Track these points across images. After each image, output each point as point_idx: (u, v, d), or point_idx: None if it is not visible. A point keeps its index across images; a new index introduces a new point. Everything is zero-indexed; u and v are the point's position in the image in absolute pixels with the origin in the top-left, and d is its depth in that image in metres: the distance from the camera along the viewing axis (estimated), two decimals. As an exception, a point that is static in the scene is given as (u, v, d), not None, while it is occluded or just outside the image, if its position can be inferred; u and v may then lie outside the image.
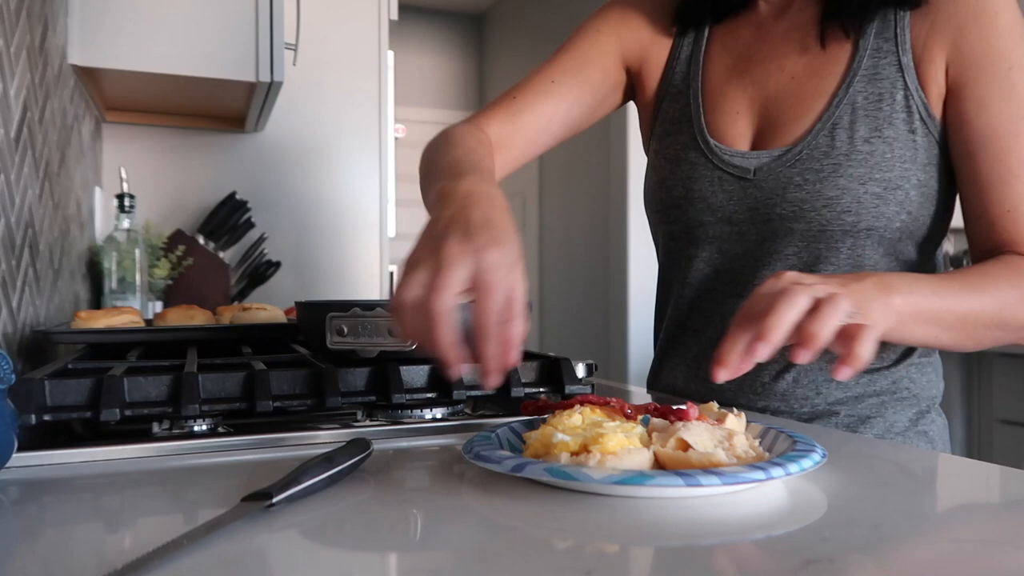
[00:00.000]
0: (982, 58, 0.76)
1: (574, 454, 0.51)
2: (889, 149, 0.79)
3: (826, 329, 0.57)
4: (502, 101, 0.94)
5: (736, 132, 0.88)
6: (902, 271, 0.83)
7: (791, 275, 0.62)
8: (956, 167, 0.80)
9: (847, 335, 0.59)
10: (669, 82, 0.95)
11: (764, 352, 0.57)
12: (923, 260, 0.86)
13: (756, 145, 0.86)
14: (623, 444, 0.51)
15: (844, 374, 0.58)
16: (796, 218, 0.82)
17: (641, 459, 0.51)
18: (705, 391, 0.91)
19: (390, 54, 2.37)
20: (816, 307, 0.58)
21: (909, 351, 0.86)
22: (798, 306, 0.58)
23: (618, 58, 0.96)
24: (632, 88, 1.00)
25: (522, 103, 0.93)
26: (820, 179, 0.80)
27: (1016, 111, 0.76)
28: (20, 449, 0.54)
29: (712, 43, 0.93)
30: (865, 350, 0.58)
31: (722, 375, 0.59)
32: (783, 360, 0.85)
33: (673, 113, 0.93)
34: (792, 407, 0.86)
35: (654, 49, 0.96)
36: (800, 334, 0.57)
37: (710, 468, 0.48)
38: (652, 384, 1.02)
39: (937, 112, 0.79)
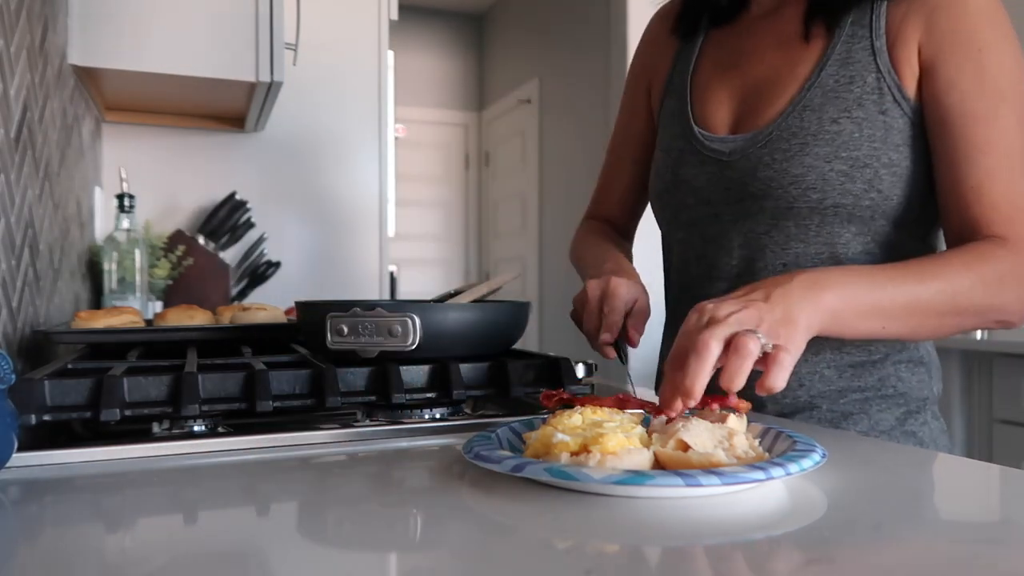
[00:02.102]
0: (952, 39, 0.78)
1: (574, 454, 0.51)
2: (857, 129, 0.80)
3: (738, 380, 0.58)
4: (596, 187, 1.13)
5: (719, 119, 0.92)
6: (883, 253, 0.84)
7: (709, 308, 0.62)
8: (930, 147, 0.81)
9: (764, 361, 0.59)
10: (670, 82, 1.00)
11: (692, 404, 0.58)
12: (912, 245, 0.85)
13: (735, 130, 0.90)
14: (623, 444, 0.51)
15: (763, 391, 0.59)
16: (765, 196, 0.84)
17: (641, 459, 0.51)
18: None
19: (390, 54, 2.37)
20: (727, 352, 0.58)
21: (898, 348, 0.86)
22: (709, 359, 0.58)
23: (647, 92, 1.06)
24: None
25: (607, 186, 1.11)
26: (788, 158, 0.82)
27: (985, 90, 0.77)
28: (20, 449, 0.55)
29: (707, 44, 0.98)
30: (776, 381, 0.58)
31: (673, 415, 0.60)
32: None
33: (670, 108, 0.99)
34: (775, 398, 0.87)
35: (661, 61, 1.03)
36: (722, 381, 0.58)
37: (710, 468, 0.48)
38: (659, 380, 1.03)
39: (912, 93, 0.81)
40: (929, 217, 0.85)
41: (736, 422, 0.57)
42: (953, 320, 0.74)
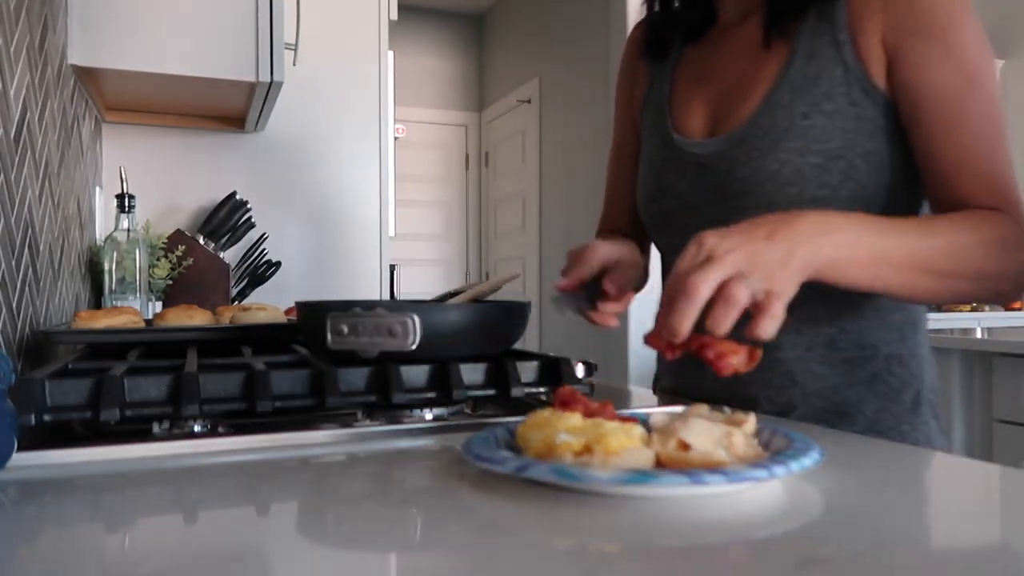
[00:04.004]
0: (913, 23, 0.78)
1: (576, 454, 0.51)
2: (829, 122, 0.81)
3: (723, 327, 0.59)
4: (603, 208, 1.13)
5: (695, 125, 0.93)
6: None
7: (709, 243, 0.63)
8: (907, 132, 0.81)
9: (755, 308, 0.61)
10: (648, 96, 1.03)
11: (677, 342, 0.61)
12: None
13: (711, 133, 0.92)
14: (624, 444, 0.51)
15: (751, 337, 0.60)
16: (745, 194, 0.85)
17: (643, 458, 0.51)
18: (691, 387, 0.93)
19: (390, 54, 2.37)
20: (715, 299, 0.60)
21: (889, 341, 0.86)
22: (697, 302, 0.60)
23: (632, 106, 1.07)
24: None
25: (610, 204, 1.12)
26: (762, 155, 0.83)
27: (952, 69, 0.77)
28: (20, 449, 0.55)
29: (681, 59, 1.00)
30: (766, 330, 0.60)
31: (654, 346, 0.63)
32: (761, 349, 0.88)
33: (650, 121, 1.01)
34: (769, 395, 0.87)
35: (641, 78, 1.05)
36: (707, 325, 0.60)
37: (713, 467, 0.48)
38: (655, 384, 1.04)
39: (881, 83, 0.81)
40: (911, 204, 0.86)
41: (752, 424, 0.57)
42: (950, 282, 0.73)
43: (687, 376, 0.96)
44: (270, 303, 1.24)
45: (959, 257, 0.72)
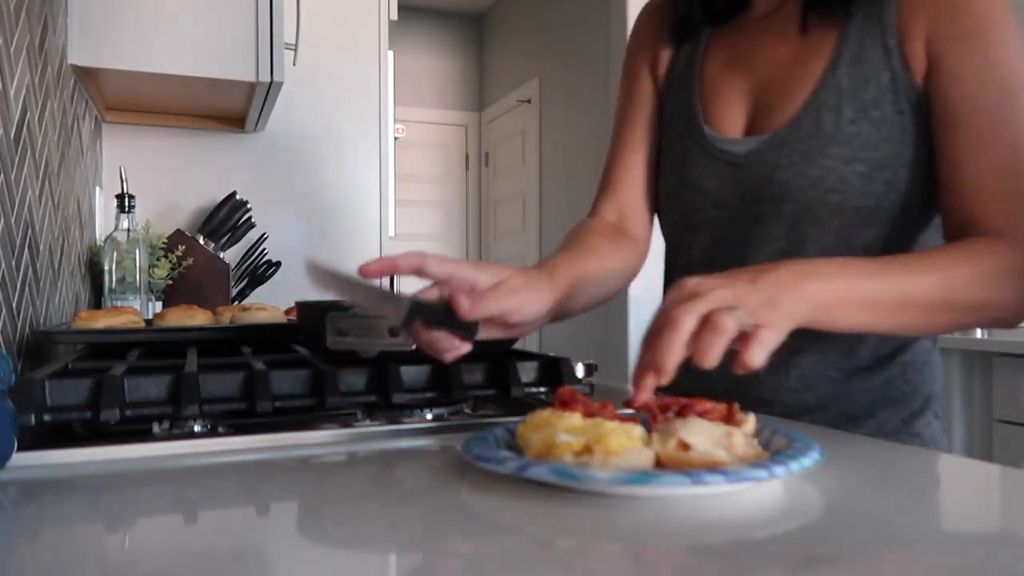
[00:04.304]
0: (954, 33, 0.77)
1: (576, 454, 0.51)
2: (875, 130, 0.79)
3: (709, 356, 0.56)
4: (602, 179, 1.02)
5: (730, 120, 0.89)
6: (899, 255, 0.83)
7: (690, 284, 0.61)
8: (934, 142, 0.80)
9: (743, 339, 0.58)
10: (672, 75, 0.98)
11: (663, 380, 0.58)
12: (933, 245, 0.85)
13: (749, 131, 0.88)
14: (624, 444, 0.51)
15: (739, 368, 0.58)
16: (783, 199, 0.82)
17: (643, 458, 0.51)
18: (697, 385, 0.92)
19: (390, 54, 2.37)
20: (701, 329, 0.57)
21: (904, 349, 0.86)
22: (682, 334, 0.57)
23: (652, 76, 1.01)
24: None
25: (616, 174, 1.01)
26: (805, 160, 0.81)
27: (990, 86, 0.76)
28: (20, 449, 0.54)
29: (711, 41, 0.96)
30: (754, 357, 0.57)
31: (641, 398, 0.59)
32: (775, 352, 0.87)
33: (674, 103, 0.96)
34: (781, 398, 0.86)
35: (662, 51, 1.00)
36: (695, 357, 0.57)
37: (713, 468, 0.48)
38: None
39: (922, 90, 0.79)
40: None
41: (752, 424, 0.57)
42: (945, 316, 0.72)
43: (694, 376, 0.93)
44: (270, 303, 1.24)
45: (954, 292, 0.71)
